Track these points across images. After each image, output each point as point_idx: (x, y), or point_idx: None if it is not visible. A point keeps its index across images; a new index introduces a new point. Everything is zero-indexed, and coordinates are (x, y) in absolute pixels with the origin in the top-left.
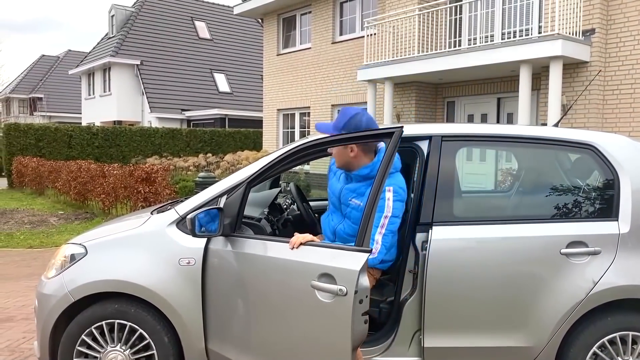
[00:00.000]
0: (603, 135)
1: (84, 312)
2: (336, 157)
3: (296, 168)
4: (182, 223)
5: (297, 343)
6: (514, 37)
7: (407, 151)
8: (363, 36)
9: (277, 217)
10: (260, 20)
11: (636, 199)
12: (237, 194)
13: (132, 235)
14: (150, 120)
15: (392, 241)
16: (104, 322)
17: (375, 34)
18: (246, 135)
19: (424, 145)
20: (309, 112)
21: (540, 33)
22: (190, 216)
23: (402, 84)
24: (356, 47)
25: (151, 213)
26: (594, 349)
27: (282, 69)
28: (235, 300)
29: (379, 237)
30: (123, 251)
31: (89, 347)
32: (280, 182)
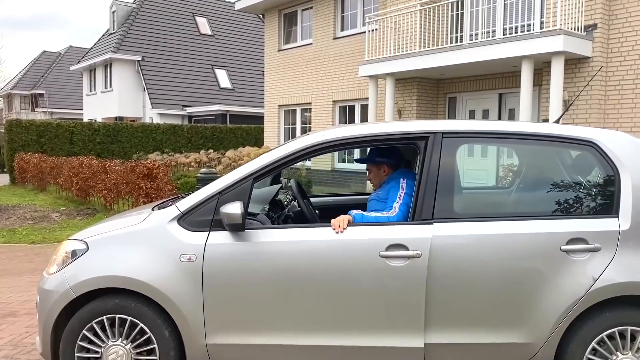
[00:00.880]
0: (604, 131)
1: (85, 307)
2: (374, 180)
3: (297, 164)
4: (183, 219)
5: (367, 309)
6: (516, 33)
7: (408, 148)
8: (364, 32)
9: (278, 214)
10: (261, 15)
11: (637, 196)
12: (244, 189)
13: (133, 231)
14: (151, 116)
15: (406, 213)
16: (105, 317)
17: (376, 30)
18: (247, 131)
19: (425, 142)
20: (310, 108)
21: (542, 28)
22: (240, 212)
23: (404, 80)
24: (357, 43)
25: (152, 209)
26: (593, 344)
27: (284, 65)
28: (251, 289)
29: (397, 205)
30: (124, 247)
31: (91, 342)
32: (281, 179)
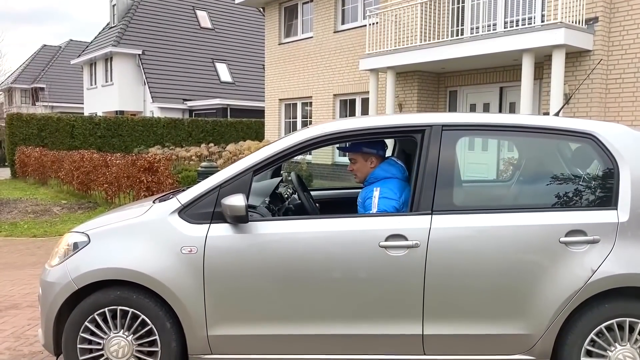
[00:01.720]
0: (603, 124)
1: (87, 299)
2: (359, 171)
3: (298, 158)
4: (184, 211)
5: (367, 299)
6: (517, 26)
7: (408, 140)
8: (365, 25)
9: (279, 206)
10: (261, 9)
11: (635, 188)
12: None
13: (134, 223)
14: (152, 110)
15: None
16: (107, 309)
17: (377, 23)
18: (248, 125)
19: (425, 134)
20: (311, 102)
21: (543, 22)
22: (244, 204)
23: (404, 74)
24: (358, 37)
25: (153, 202)
26: (592, 336)
27: (284, 59)
28: (252, 280)
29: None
30: (125, 239)
31: (93, 334)
32: (281, 172)
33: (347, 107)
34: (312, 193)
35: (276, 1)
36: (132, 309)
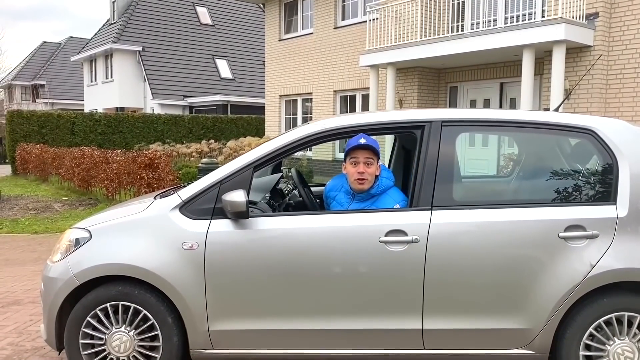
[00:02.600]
0: (602, 120)
1: (89, 295)
2: (369, 177)
3: (298, 154)
4: (185, 207)
5: (367, 293)
6: (517, 22)
7: (408, 136)
8: (365, 21)
9: (279, 202)
10: (262, 5)
11: (634, 183)
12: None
13: (136, 219)
14: (152, 106)
15: None
16: (109, 304)
17: (377, 19)
18: (248, 121)
19: (424, 130)
20: (311, 98)
21: (543, 17)
22: (244, 200)
23: (405, 70)
24: (358, 32)
25: (154, 198)
26: (591, 330)
27: (284, 55)
28: (252, 275)
29: None
30: (127, 235)
31: (95, 329)
32: (282, 168)
33: (348, 103)
34: (313, 189)
35: None
36: (134, 305)
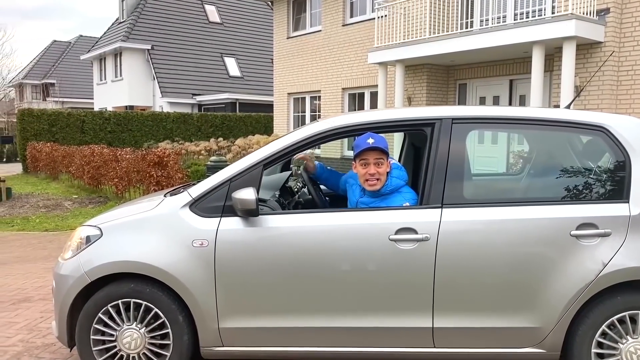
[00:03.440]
0: (615, 116)
1: (101, 291)
2: (384, 175)
3: (307, 152)
4: (195, 205)
5: (377, 292)
6: (527, 18)
7: (417, 134)
8: (374, 18)
9: (289, 200)
10: (270, 3)
11: None
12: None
13: (146, 217)
14: (161, 105)
15: None
16: (120, 301)
17: (386, 16)
18: (257, 119)
19: (435, 128)
20: (320, 96)
21: (553, 13)
22: (254, 198)
23: (414, 67)
24: (367, 30)
25: (164, 196)
26: (603, 328)
27: (293, 53)
28: (262, 273)
29: None
30: (137, 233)
31: (106, 325)
32: (291, 166)
33: (356, 101)
34: (322, 186)
35: None
36: (145, 302)
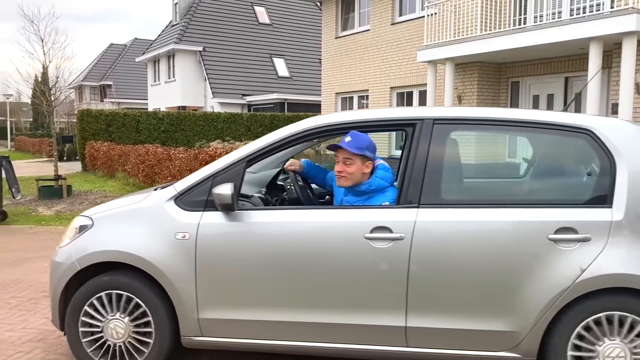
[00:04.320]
0: (601, 119)
1: (88, 282)
2: (353, 175)
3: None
4: (180, 199)
5: (352, 289)
6: (584, 13)
7: (400, 134)
8: (423, 16)
9: (276, 197)
10: (319, 3)
11: (632, 186)
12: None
13: (134, 209)
14: (212, 105)
15: None
16: (104, 293)
17: (436, 14)
18: (305, 119)
19: (416, 128)
20: (367, 95)
21: (612, 7)
22: (230, 193)
23: (464, 65)
24: (416, 28)
25: (154, 190)
26: (579, 330)
27: (341, 52)
28: (241, 267)
29: None
30: (124, 224)
31: (93, 317)
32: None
33: (405, 100)
34: (314, 185)
35: None
36: (128, 293)
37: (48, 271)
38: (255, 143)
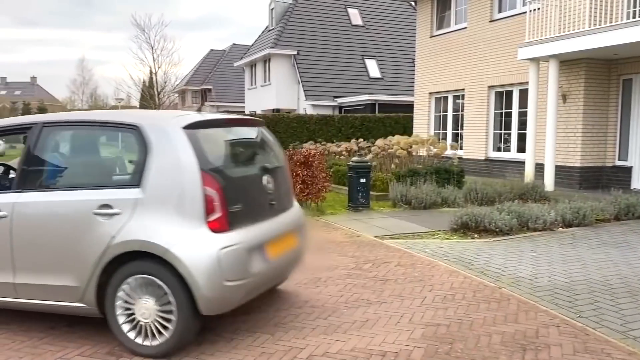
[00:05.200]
0: (147, 118)
1: None
2: None
3: (448, 153)
4: None
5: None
6: None
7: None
8: (524, 12)
9: None
10: (413, 2)
11: (155, 171)
12: None
13: None
14: (305, 107)
15: None
16: None
17: (538, 9)
18: (396, 120)
19: (31, 130)
20: (463, 95)
21: None
22: None
23: (569, 62)
24: (516, 25)
25: None
26: (123, 288)
27: (435, 51)
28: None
29: None
30: None
31: None
32: None
33: (503, 99)
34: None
35: None
36: None
37: None
38: None
